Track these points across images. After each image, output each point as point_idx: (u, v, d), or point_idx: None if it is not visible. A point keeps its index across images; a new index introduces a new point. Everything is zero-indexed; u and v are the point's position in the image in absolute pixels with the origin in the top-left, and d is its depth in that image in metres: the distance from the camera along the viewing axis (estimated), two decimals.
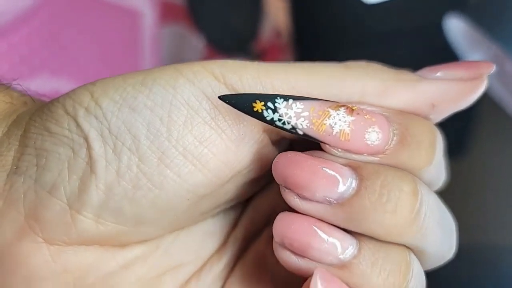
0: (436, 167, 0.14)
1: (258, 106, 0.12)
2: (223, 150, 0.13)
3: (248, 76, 0.13)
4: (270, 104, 0.12)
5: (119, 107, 0.13)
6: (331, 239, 0.12)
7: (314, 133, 0.12)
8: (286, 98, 0.12)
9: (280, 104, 0.12)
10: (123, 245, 0.14)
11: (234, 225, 0.16)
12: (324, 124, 0.12)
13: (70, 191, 0.13)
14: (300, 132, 0.13)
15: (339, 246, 0.12)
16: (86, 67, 0.40)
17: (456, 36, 0.35)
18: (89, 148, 0.13)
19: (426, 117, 0.14)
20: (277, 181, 0.13)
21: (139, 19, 0.46)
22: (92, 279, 0.13)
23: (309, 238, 0.12)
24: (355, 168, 0.12)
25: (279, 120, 0.12)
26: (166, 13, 0.50)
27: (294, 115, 0.12)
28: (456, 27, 0.34)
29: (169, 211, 0.13)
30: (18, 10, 0.31)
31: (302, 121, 0.12)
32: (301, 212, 0.13)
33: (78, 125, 0.13)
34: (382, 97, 0.13)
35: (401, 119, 0.13)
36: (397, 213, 0.12)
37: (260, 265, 0.15)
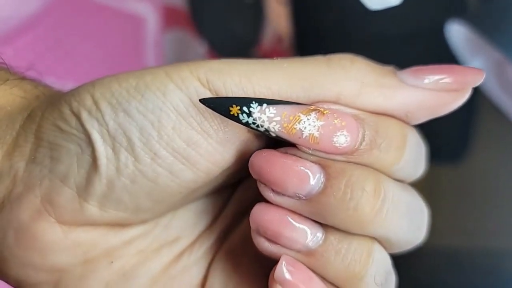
0: (407, 163, 0.15)
1: (234, 110, 0.14)
2: (210, 152, 0.14)
3: (231, 82, 0.14)
4: (245, 109, 0.13)
5: (115, 111, 0.14)
6: (299, 230, 0.14)
7: (285, 136, 0.14)
8: (260, 102, 0.14)
9: (255, 108, 0.13)
10: (125, 225, 0.16)
11: (225, 203, 0.18)
12: (295, 128, 0.14)
13: (79, 182, 0.14)
14: (273, 135, 0.14)
15: (307, 236, 0.14)
16: (90, 72, 0.40)
17: (457, 41, 0.35)
18: (92, 147, 0.14)
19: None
20: (254, 177, 0.14)
21: (142, 24, 0.46)
22: (98, 252, 0.15)
23: (280, 228, 0.14)
24: (324, 167, 0.14)
25: (253, 123, 0.14)
26: (169, 18, 0.51)
27: (267, 120, 0.14)
28: (457, 33, 0.35)
29: (164, 200, 0.15)
30: (23, 16, 0.31)
31: (274, 125, 0.14)
32: (274, 204, 0.14)
33: (83, 126, 0.14)
34: (358, 99, 0.14)
35: (372, 121, 0.14)
36: (358, 211, 0.13)
37: (246, 241, 0.16)
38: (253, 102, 0.14)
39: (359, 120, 0.14)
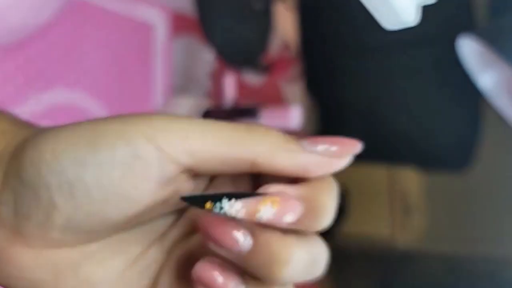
0: (329, 221, 0.19)
1: (209, 205, 0.18)
2: (151, 195, 0.18)
3: (174, 139, 0.18)
4: (217, 204, 0.18)
5: (72, 163, 0.17)
6: (227, 283, 0.18)
7: (248, 221, 0.18)
8: (229, 197, 0.18)
9: (225, 203, 0.18)
10: (90, 244, 0.19)
11: (178, 217, 0.21)
12: (256, 216, 0.18)
13: (41, 220, 0.17)
14: (238, 219, 0.18)
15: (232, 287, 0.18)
16: (100, 79, 0.40)
17: (468, 56, 0.35)
18: (50, 194, 0.17)
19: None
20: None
21: (151, 32, 0.46)
22: (64, 266, 0.18)
23: (210, 284, 0.18)
24: (254, 235, 0.18)
25: (224, 213, 0.17)
26: (178, 25, 0.51)
27: (235, 212, 0.18)
28: (468, 47, 0.35)
29: (117, 226, 0.18)
30: (35, 24, 0.32)
31: (240, 215, 0.18)
32: (213, 251, 0.18)
33: (41, 176, 0.17)
34: (271, 159, 0.18)
35: (308, 198, 0.18)
36: (275, 274, 0.18)
37: (191, 258, 0.20)
38: (224, 198, 0.18)
39: (300, 201, 0.18)
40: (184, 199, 0.18)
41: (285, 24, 0.69)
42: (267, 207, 0.18)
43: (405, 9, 0.27)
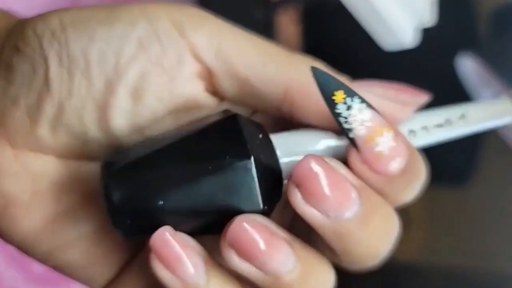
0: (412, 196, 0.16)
1: (339, 96, 0.13)
2: (160, 92, 0.15)
3: (203, 32, 0.15)
4: (348, 100, 0.13)
5: (79, 35, 0.14)
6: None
7: (361, 143, 0.13)
8: (363, 100, 0.13)
9: (356, 104, 0.13)
10: (75, 159, 0.16)
11: None
12: (374, 140, 0.13)
13: (30, 104, 0.15)
14: (351, 136, 0.13)
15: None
16: None
17: (467, 74, 0.36)
18: (47, 68, 0.14)
19: None
20: (292, 180, 0.14)
21: None
22: (46, 183, 0.16)
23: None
24: (364, 196, 0.14)
25: (344, 118, 0.13)
26: None
27: (359, 121, 0.13)
28: (467, 66, 0.35)
29: (111, 133, 0.15)
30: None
31: (361, 129, 0.13)
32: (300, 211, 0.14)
33: (41, 46, 0.14)
34: (307, 91, 0.15)
35: (411, 152, 0.14)
36: (377, 247, 0.15)
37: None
38: (357, 97, 0.13)
39: (409, 153, 0.14)
40: (314, 71, 0.13)
41: (289, 37, 0.70)
42: (389, 136, 0.13)
43: (403, 31, 0.27)
